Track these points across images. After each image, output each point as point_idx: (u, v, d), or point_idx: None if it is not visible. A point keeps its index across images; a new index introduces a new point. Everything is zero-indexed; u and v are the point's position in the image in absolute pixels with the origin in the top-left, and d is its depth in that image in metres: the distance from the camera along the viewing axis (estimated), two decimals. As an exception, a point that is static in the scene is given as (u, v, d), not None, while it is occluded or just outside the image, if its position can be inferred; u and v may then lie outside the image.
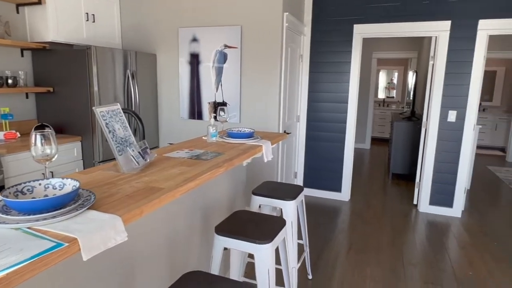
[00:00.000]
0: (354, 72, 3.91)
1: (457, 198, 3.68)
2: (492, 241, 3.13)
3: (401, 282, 2.43)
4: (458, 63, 3.51)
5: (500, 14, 3.29)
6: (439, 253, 2.88)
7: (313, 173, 4.26)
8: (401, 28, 3.64)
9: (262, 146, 1.94)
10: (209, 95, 3.57)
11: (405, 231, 3.30)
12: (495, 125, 7.44)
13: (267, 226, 1.55)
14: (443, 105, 3.61)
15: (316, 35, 3.99)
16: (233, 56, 3.40)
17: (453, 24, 3.47)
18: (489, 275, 2.56)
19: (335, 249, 2.90)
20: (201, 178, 1.21)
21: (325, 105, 4.09)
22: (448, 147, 3.64)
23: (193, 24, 3.47)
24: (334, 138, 4.10)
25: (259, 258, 1.42)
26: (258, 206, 2.08)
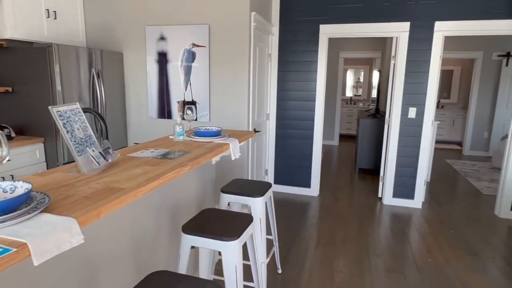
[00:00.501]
0: (321, 71, 4.01)
1: (417, 190, 3.88)
2: (449, 229, 3.34)
3: (366, 272, 2.54)
4: (417, 63, 3.70)
5: (454, 16, 3.50)
6: (401, 243, 3.04)
7: (283, 170, 4.34)
8: (364, 28, 3.78)
9: (230, 144, 1.96)
10: (178, 94, 3.54)
11: (370, 223, 3.44)
12: (452, 121, 7.90)
13: (234, 223, 1.57)
14: (404, 102, 3.79)
15: (284, 35, 4.06)
16: (201, 55, 3.39)
17: (412, 25, 3.65)
18: (446, 262, 2.73)
19: (305, 243, 2.98)
20: (165, 177, 1.21)
21: (293, 103, 4.17)
22: (409, 142, 3.84)
23: (161, 22, 3.43)
24: (303, 135, 4.19)
25: (226, 255, 1.45)
26: (227, 204, 2.10)
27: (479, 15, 3.42)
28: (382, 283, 2.40)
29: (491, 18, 3.39)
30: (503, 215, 3.67)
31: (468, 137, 6.94)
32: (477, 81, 6.74)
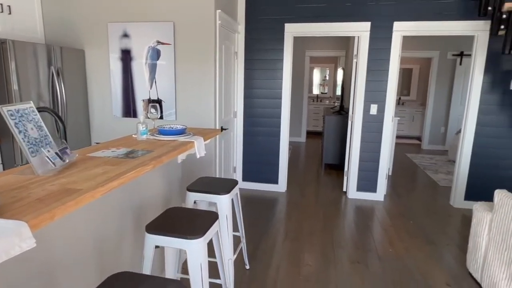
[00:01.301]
0: (287, 69, 4.08)
1: (379, 183, 4.06)
2: (409, 220, 3.53)
3: (331, 264, 2.63)
4: (378, 61, 3.86)
5: (411, 17, 3.68)
6: (364, 234, 3.17)
7: (252, 167, 4.37)
8: (328, 28, 3.88)
9: (194, 142, 1.95)
10: (144, 93, 3.46)
11: (335, 216, 3.56)
12: (412, 117, 8.31)
13: (199, 221, 1.58)
14: (366, 99, 3.94)
15: (250, 33, 4.08)
16: (166, 53, 3.33)
17: (372, 25, 3.80)
18: (406, 251, 2.88)
19: (272, 238, 3.03)
20: (125, 177, 1.20)
21: (260, 101, 4.21)
22: (371, 138, 4.00)
23: (124, 19, 3.33)
24: (270, 132, 4.25)
25: (191, 253, 1.45)
26: (193, 202, 2.10)
27: (434, 16, 3.62)
28: (346, 274, 2.50)
29: (444, 19, 3.60)
30: (457, 204, 3.93)
31: (426, 132, 7.33)
32: (434, 79, 7.13)
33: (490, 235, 2.23)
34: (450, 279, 2.47)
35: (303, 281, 2.40)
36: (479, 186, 3.82)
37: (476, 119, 3.69)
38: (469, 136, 3.74)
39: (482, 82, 3.62)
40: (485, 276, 2.27)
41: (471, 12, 3.52)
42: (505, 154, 3.70)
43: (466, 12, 3.54)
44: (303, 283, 2.38)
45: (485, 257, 2.29)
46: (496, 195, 2.20)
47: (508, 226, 2.04)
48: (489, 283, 2.22)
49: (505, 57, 3.54)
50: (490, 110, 3.66)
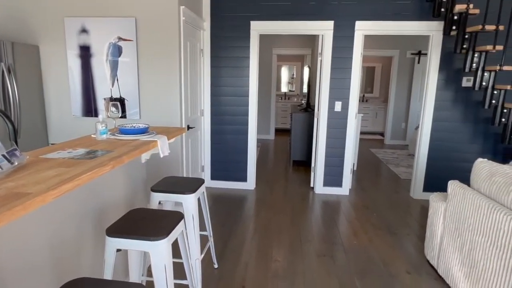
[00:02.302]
0: (253, 67, 4.09)
1: (345, 178, 4.19)
2: (373, 213, 3.67)
3: (299, 258, 2.68)
4: (341, 59, 3.96)
5: (371, 17, 3.81)
6: (330, 228, 3.26)
7: (220, 166, 4.35)
8: (293, 26, 3.93)
9: (157, 141, 1.91)
10: (105, 91, 3.34)
11: (303, 212, 3.63)
12: (375, 114, 8.64)
13: (162, 222, 1.54)
14: (330, 96, 4.04)
15: (216, 30, 4.04)
16: (128, 49, 3.23)
17: (336, 24, 3.89)
18: (369, 242, 3.00)
19: (241, 236, 3.03)
20: (81, 179, 1.14)
21: (227, 99, 4.19)
22: (336, 134, 4.11)
23: (81, 13, 3.18)
24: (238, 130, 4.24)
25: (154, 255, 1.42)
26: (157, 203, 2.05)
27: (392, 17, 3.77)
28: (313, 267, 2.56)
29: (402, 20, 3.76)
30: (416, 196, 4.14)
31: (389, 127, 7.65)
32: (395, 77, 7.45)
33: (445, 224, 2.37)
34: (410, 267, 2.59)
35: (271, 277, 2.43)
36: (436, 178, 4.04)
37: (432, 115, 3.90)
38: (426, 131, 3.95)
39: (437, 79, 3.83)
40: (440, 262, 2.41)
41: (427, 13, 3.71)
42: (459, 147, 3.95)
43: (422, 13, 3.72)
44: (271, 279, 2.40)
45: (440, 245, 2.43)
46: (449, 186, 2.33)
47: (460, 214, 2.18)
48: (444, 268, 2.36)
49: (457, 56, 3.76)
50: (444, 106, 3.88)
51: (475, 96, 3.82)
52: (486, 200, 1.97)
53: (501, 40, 3.54)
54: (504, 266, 1.74)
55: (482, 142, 3.91)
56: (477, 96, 3.81)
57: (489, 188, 2.04)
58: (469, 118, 3.87)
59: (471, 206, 2.06)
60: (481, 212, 1.97)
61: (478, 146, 3.92)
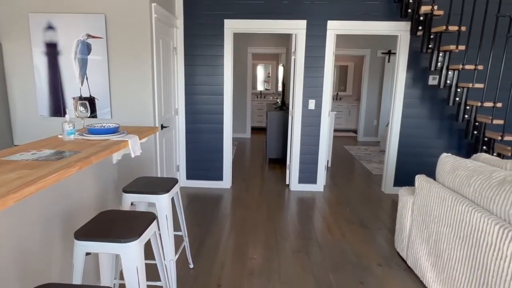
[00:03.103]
0: (228, 65, 4.08)
1: (319, 175, 4.27)
2: (346, 208, 3.76)
3: (274, 256, 2.71)
4: (314, 58, 4.02)
5: (343, 17, 3.89)
6: (305, 224, 3.31)
7: (196, 165, 4.31)
8: (267, 25, 3.95)
9: (128, 141, 1.87)
10: (74, 90, 3.23)
11: (278, 209, 3.67)
12: (349, 111, 8.85)
13: (134, 223, 1.52)
14: (304, 95, 4.10)
15: (189, 29, 4.00)
16: (98, 47, 3.13)
17: (308, 24, 3.95)
18: (343, 237, 3.07)
19: (217, 235, 3.03)
20: (45, 181, 1.10)
21: (202, 97, 4.16)
22: (310, 132, 4.18)
23: (47, 9, 3.06)
24: (213, 129, 4.22)
25: (125, 257, 1.39)
26: (130, 204, 2.01)
27: (363, 17, 3.87)
28: (289, 263, 2.60)
29: (372, 20, 3.87)
30: (387, 191, 4.28)
31: (361, 125, 7.86)
32: (367, 75, 7.66)
33: (413, 217, 2.47)
34: (381, 259, 2.69)
35: (247, 275, 2.44)
36: (405, 173, 4.20)
37: (401, 112, 4.05)
38: (396, 128, 4.09)
39: (405, 78, 3.97)
40: (409, 253, 2.52)
41: (395, 14, 3.84)
42: (426, 143, 4.12)
43: (390, 14, 3.84)
44: (247, 276, 2.42)
45: (409, 237, 2.53)
46: (417, 180, 2.44)
47: (427, 207, 2.28)
48: (413, 259, 2.46)
49: (423, 55, 3.92)
50: (413, 104, 4.03)
51: (440, 93, 4.00)
52: (450, 192, 2.07)
53: (463, 41, 3.72)
54: (466, 255, 1.84)
55: (447, 138, 4.10)
56: (443, 93, 3.99)
57: (452, 181, 2.15)
58: (436, 115, 4.05)
59: (437, 199, 2.16)
60: (445, 204, 2.07)
61: (444, 142, 4.11)
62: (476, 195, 1.91)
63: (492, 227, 1.65)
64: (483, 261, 1.70)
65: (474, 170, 2.02)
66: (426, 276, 2.27)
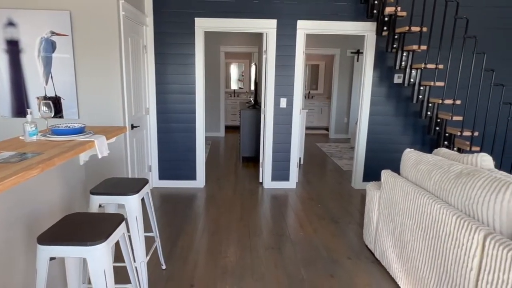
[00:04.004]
0: (199, 64, 4.05)
1: (292, 172, 4.34)
2: (317, 204, 3.85)
3: (247, 253, 2.73)
4: (285, 57, 4.08)
5: (312, 16, 3.97)
6: (278, 221, 3.36)
7: (168, 165, 4.26)
8: (238, 23, 3.96)
9: (95, 141, 1.82)
10: (38, 89, 3.10)
11: (252, 207, 3.70)
12: (320, 109, 9.03)
13: (101, 226, 1.49)
14: (276, 93, 4.15)
15: (159, 27, 3.93)
16: (63, 45, 3.02)
17: (279, 23, 3.99)
18: (314, 232, 3.15)
19: (190, 235, 3.01)
20: (3, 184, 1.06)
21: (174, 96, 4.11)
22: (282, 130, 4.23)
23: (7, 4, 2.91)
24: (185, 128, 4.18)
25: (92, 261, 1.36)
26: (98, 206, 1.97)
27: (331, 17, 3.97)
28: (261, 260, 2.63)
29: (340, 20, 3.97)
30: (357, 186, 4.42)
31: (333, 122, 8.05)
32: (337, 74, 7.84)
33: (380, 210, 2.57)
34: (350, 253, 2.78)
35: (220, 273, 2.45)
36: (373, 168, 4.35)
37: (369, 110, 4.19)
38: (364, 125, 4.23)
39: (372, 77, 4.11)
40: (377, 246, 2.62)
41: (361, 14, 3.96)
42: (393, 139, 4.29)
43: (357, 14, 3.96)
44: (220, 275, 2.43)
45: (376, 230, 2.64)
46: (382, 175, 2.54)
47: (392, 200, 2.38)
48: (380, 251, 2.56)
49: (389, 55, 4.07)
50: (379, 101, 4.19)
51: (405, 91, 4.17)
52: (413, 186, 2.17)
53: (425, 41, 3.90)
54: (427, 246, 1.95)
55: (412, 134, 4.29)
56: (407, 91, 4.17)
57: (415, 176, 2.26)
58: (401, 112, 4.22)
59: (401, 192, 2.27)
60: (408, 197, 2.17)
61: (409, 138, 4.29)
62: (436, 188, 2.02)
63: (450, 218, 1.75)
64: (442, 251, 1.80)
65: (435, 164, 2.13)
66: (392, 267, 2.38)
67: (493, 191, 1.60)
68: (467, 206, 1.74)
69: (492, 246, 1.45)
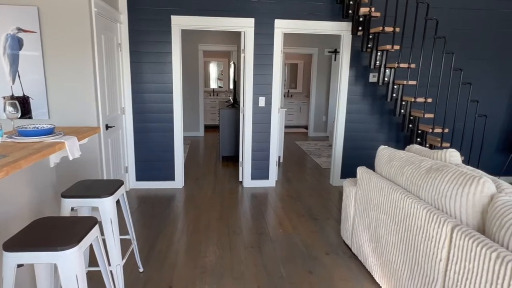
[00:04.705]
0: (176, 63, 3.99)
1: (271, 171, 4.36)
2: (297, 201, 3.89)
3: (227, 252, 2.73)
4: (263, 56, 4.09)
5: (290, 16, 3.99)
6: (257, 220, 3.37)
7: (146, 165, 4.18)
8: (215, 22, 3.93)
9: (65, 143, 1.76)
10: (5, 89, 2.96)
11: (231, 206, 3.69)
12: (299, 108, 9.11)
13: (73, 230, 1.44)
14: (254, 92, 4.15)
15: (134, 24, 3.85)
16: (31, 42, 2.91)
17: (256, 22, 3.99)
18: (293, 230, 3.18)
19: (168, 236, 2.97)
20: (-37, 189, 1.01)
21: (150, 95, 4.03)
22: (261, 129, 4.24)
23: (-33, -2, 2.77)
24: (163, 128, 4.12)
25: (63, 266, 1.32)
26: (70, 210, 1.90)
27: (308, 16, 4.00)
28: (241, 259, 2.63)
29: (317, 19, 4.02)
30: (335, 183, 4.49)
31: (311, 121, 8.14)
32: (315, 73, 7.93)
33: (356, 206, 2.63)
34: (328, 248, 2.82)
35: (199, 273, 2.43)
36: (351, 165, 4.44)
37: (346, 108, 4.26)
38: (341, 123, 4.30)
39: (348, 75, 4.19)
40: (353, 241, 2.67)
41: (337, 14, 4.02)
42: (369, 136, 4.38)
43: (333, 14, 4.02)
44: (200, 275, 2.41)
45: (353, 225, 2.69)
46: (358, 171, 2.59)
47: (367, 196, 2.44)
48: (357, 246, 2.62)
49: (364, 54, 4.16)
50: (356, 100, 4.27)
51: (380, 90, 4.27)
52: (386, 182, 2.23)
53: (398, 41, 4.00)
54: (400, 239, 2.01)
55: (387, 131, 4.40)
56: (382, 90, 4.27)
57: (388, 171, 2.32)
58: (377, 110, 4.32)
59: (375, 188, 2.32)
60: (382, 192, 2.23)
61: (385, 135, 4.40)
62: (408, 183, 2.08)
63: (421, 212, 1.81)
64: (414, 243, 1.86)
65: (407, 160, 2.20)
66: (368, 261, 2.43)
67: (459, 185, 1.67)
68: (437, 200, 1.81)
69: (459, 237, 1.51)
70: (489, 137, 4.61)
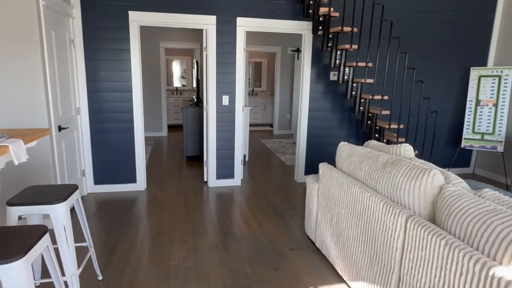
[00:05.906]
0: (135, 60, 3.85)
1: (236, 169, 4.34)
2: (262, 199, 3.91)
3: (192, 253, 2.68)
4: (225, 54, 4.05)
5: (252, 14, 3.99)
6: (223, 219, 3.34)
7: (104, 168, 4.00)
8: (176, 19, 3.83)
9: (9, 146, 1.63)
10: None
11: (196, 207, 3.63)
12: (264, 106, 9.18)
13: (19, 240, 1.34)
14: (218, 91, 4.11)
15: (88, 19, 3.65)
16: (-30, 37, 2.67)
17: (218, 19, 3.95)
18: (259, 227, 3.18)
19: (129, 240, 2.86)
20: None
21: (108, 94, 3.86)
22: (225, 127, 4.21)
23: None
24: (122, 128, 3.96)
25: (7, 281, 1.22)
26: (17, 219, 1.77)
27: (270, 15, 4.02)
28: (206, 260, 2.59)
29: (278, 18, 4.05)
30: (299, 180, 4.57)
31: (276, 119, 8.22)
32: (279, 71, 8.02)
33: (318, 201, 2.68)
34: (293, 244, 2.86)
35: (163, 277, 2.36)
36: (314, 161, 4.53)
37: (308, 106, 4.34)
38: (304, 120, 4.37)
39: (310, 74, 4.27)
40: (317, 236, 2.73)
41: (298, 14, 4.08)
42: (331, 133, 4.50)
43: (294, 13, 4.07)
44: (164, 279, 2.34)
45: (316, 220, 2.75)
46: (320, 168, 2.65)
47: (329, 191, 2.50)
48: (320, 241, 2.68)
49: (325, 53, 4.25)
50: (317, 98, 4.36)
51: (340, 88, 4.40)
52: (346, 177, 2.30)
53: (356, 41, 4.14)
54: (360, 232, 2.07)
55: (348, 128, 4.54)
56: (342, 88, 4.40)
57: (348, 167, 2.39)
58: (337, 108, 4.45)
59: (336, 183, 2.38)
60: (343, 187, 2.29)
61: (346, 132, 4.54)
62: (366, 177, 2.15)
63: (378, 204, 1.88)
64: (372, 235, 1.93)
65: (365, 156, 2.27)
66: (331, 254, 2.50)
67: (412, 178, 1.76)
68: (392, 193, 1.89)
69: (412, 227, 1.59)
70: (439, 131, 4.90)
